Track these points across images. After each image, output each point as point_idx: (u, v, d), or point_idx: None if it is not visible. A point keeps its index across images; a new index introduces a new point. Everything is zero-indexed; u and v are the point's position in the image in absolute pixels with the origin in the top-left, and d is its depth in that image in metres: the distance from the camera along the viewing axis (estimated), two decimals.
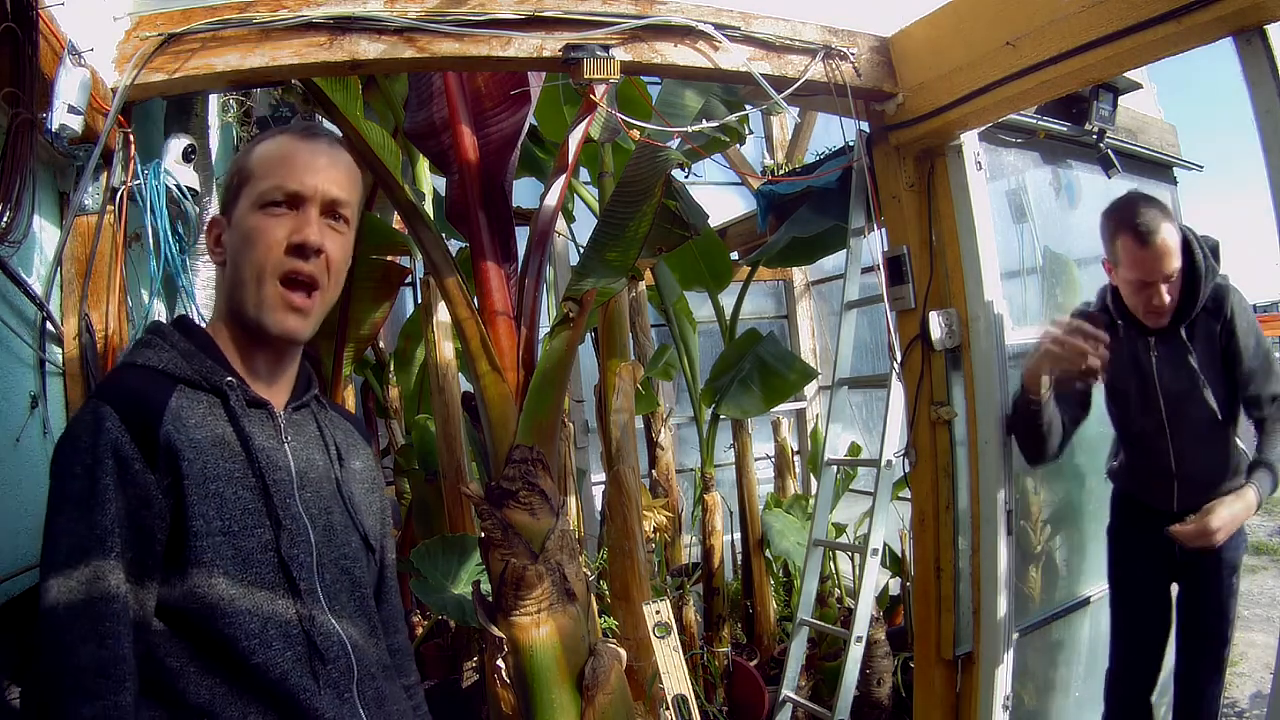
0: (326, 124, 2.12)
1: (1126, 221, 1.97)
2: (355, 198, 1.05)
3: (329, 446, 1.05)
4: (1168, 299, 2.01)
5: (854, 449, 4.10)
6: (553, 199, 2.12)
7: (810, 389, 5.20)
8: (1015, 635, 2.29)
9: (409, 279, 3.79)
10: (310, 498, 0.98)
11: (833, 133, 3.94)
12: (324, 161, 1.01)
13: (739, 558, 4.05)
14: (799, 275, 5.37)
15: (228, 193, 1.03)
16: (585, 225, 3.26)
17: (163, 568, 0.88)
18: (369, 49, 1.73)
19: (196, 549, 0.87)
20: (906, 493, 2.52)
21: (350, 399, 3.92)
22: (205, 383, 0.95)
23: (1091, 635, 2.73)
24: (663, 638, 2.23)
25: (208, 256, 1.21)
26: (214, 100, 2.34)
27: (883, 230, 2.43)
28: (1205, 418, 2.07)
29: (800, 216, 3.23)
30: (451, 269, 2.04)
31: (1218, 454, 2.11)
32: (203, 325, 1.05)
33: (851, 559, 3.81)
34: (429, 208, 2.52)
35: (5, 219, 1.27)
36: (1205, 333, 2.07)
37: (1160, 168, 3.07)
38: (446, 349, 3.06)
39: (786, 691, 2.72)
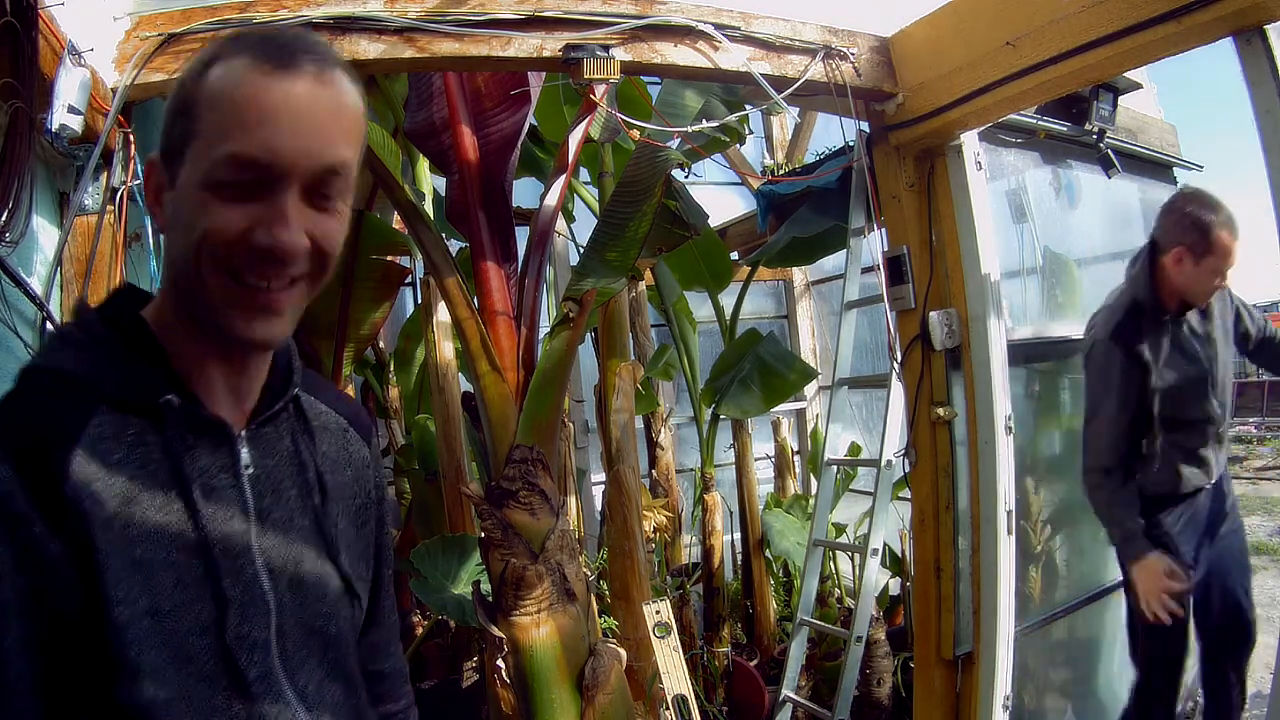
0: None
1: (1222, 218, 2.12)
2: (355, 151, 0.72)
3: (307, 467, 0.80)
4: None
5: (854, 449, 4.10)
6: (553, 199, 2.12)
7: (810, 389, 5.20)
8: (1015, 635, 2.29)
9: (409, 279, 3.79)
10: (273, 546, 0.75)
11: (833, 133, 3.94)
12: (309, 105, 0.67)
13: (739, 558, 4.05)
14: (799, 275, 5.37)
15: (170, 133, 0.70)
16: (585, 225, 3.26)
17: (77, 661, 0.64)
18: (369, 49, 1.73)
19: (118, 637, 0.63)
20: (906, 493, 2.52)
21: None
22: (133, 401, 0.68)
23: (1092, 635, 2.73)
24: (663, 638, 2.23)
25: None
26: None
27: (883, 230, 2.43)
28: (1231, 376, 2.30)
29: (800, 216, 3.23)
30: (451, 269, 2.04)
31: (1231, 406, 2.32)
32: (151, 297, 0.76)
33: (851, 559, 3.81)
34: (429, 208, 2.51)
35: (3, 218, 1.27)
36: (1218, 299, 2.25)
37: (1160, 168, 3.08)
38: (446, 349, 3.06)
39: (786, 691, 2.72)
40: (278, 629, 0.73)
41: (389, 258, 3.22)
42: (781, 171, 4.55)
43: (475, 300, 2.05)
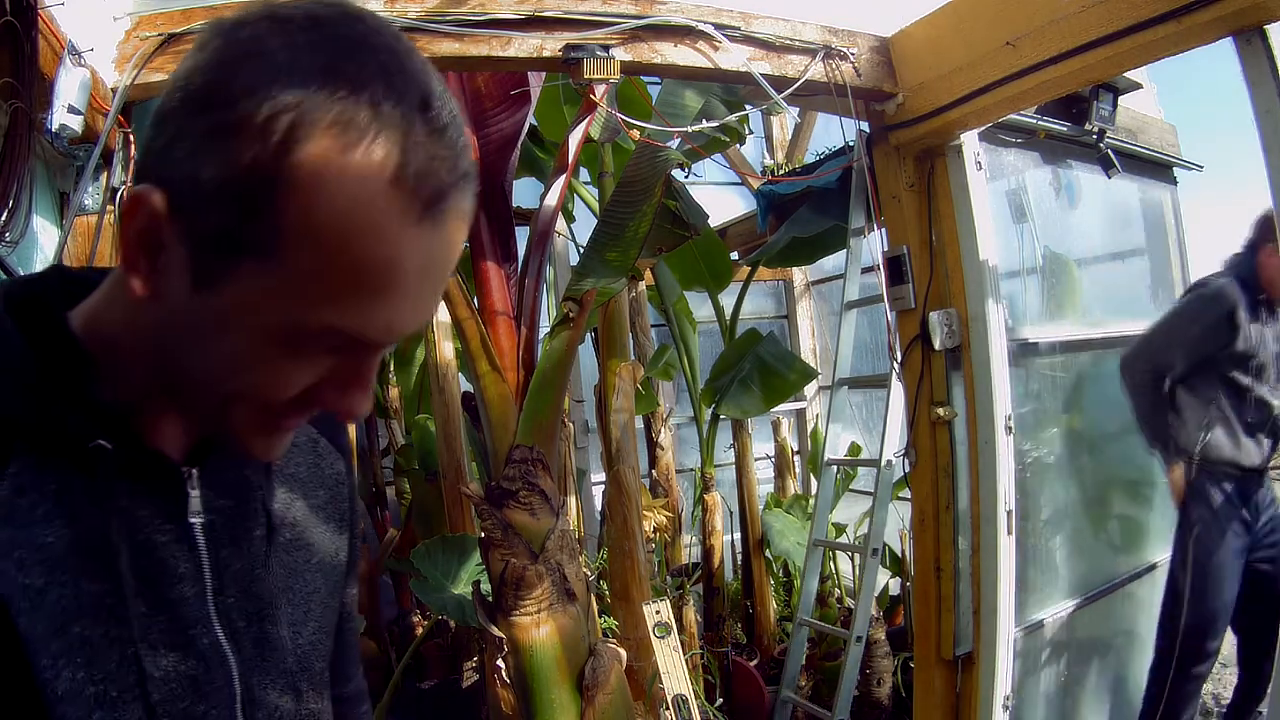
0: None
1: None
2: None
3: (269, 499, 0.67)
4: None
5: (854, 449, 4.10)
6: (553, 199, 2.12)
7: (810, 389, 5.20)
8: (1015, 635, 2.29)
9: None
10: (235, 604, 0.62)
11: (833, 133, 3.94)
12: (445, 262, 0.52)
13: (739, 558, 4.05)
14: (799, 275, 5.37)
15: (211, 208, 0.47)
16: (585, 225, 3.26)
17: None
18: None
19: None
20: (906, 493, 2.52)
21: None
22: (58, 441, 0.54)
23: (1092, 634, 2.73)
24: (663, 638, 2.23)
25: None
26: None
27: (883, 230, 2.43)
28: None
29: (800, 216, 3.23)
30: None
31: None
32: (88, 293, 0.58)
33: (851, 559, 3.81)
34: None
35: (3, 218, 1.27)
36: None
37: (1160, 168, 3.08)
38: (446, 349, 3.06)
39: (786, 691, 2.73)
40: (244, 700, 0.62)
41: None
42: (781, 171, 4.55)
43: (475, 300, 2.05)
